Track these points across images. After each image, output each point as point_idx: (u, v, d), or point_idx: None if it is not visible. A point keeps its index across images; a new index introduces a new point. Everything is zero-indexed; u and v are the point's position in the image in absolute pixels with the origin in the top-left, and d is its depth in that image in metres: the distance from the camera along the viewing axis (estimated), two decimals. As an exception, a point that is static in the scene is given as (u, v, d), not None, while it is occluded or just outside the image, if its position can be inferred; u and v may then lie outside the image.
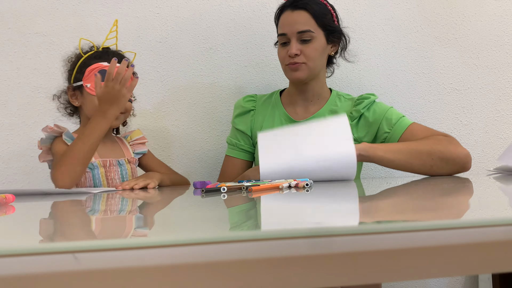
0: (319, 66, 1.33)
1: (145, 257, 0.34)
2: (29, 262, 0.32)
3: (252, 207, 0.67)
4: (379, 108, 1.32)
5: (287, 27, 1.30)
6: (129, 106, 1.25)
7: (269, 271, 0.35)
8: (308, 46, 1.29)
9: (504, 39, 1.73)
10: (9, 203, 0.78)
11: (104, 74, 1.17)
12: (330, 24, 1.32)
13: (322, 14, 1.30)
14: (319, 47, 1.30)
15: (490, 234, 0.38)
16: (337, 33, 1.34)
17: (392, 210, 0.59)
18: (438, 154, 1.16)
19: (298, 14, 1.29)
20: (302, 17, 1.29)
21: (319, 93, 1.37)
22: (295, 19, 1.29)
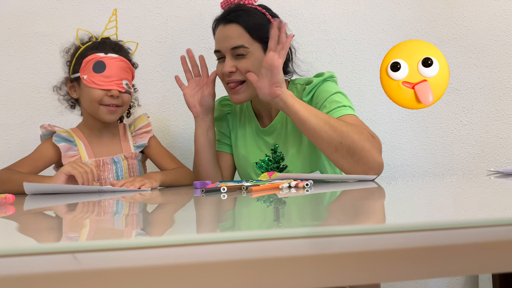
0: None
1: (145, 257, 0.34)
2: (29, 262, 0.32)
3: (252, 208, 0.67)
4: (322, 93, 1.21)
5: (221, 43, 1.23)
6: (126, 99, 1.21)
7: (269, 271, 0.35)
8: (242, 61, 1.20)
9: (504, 39, 1.73)
10: (9, 203, 0.78)
11: (99, 65, 1.16)
12: (267, 35, 1.16)
13: (257, 26, 1.21)
14: (255, 61, 1.20)
15: (490, 234, 0.38)
16: None
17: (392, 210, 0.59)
18: (349, 141, 1.06)
19: (230, 29, 1.21)
20: (234, 32, 1.20)
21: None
22: (227, 34, 1.22)
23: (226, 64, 1.22)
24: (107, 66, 1.17)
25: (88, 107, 1.22)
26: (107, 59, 1.17)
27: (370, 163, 1.07)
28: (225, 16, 1.24)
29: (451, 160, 1.72)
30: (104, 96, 1.17)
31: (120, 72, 1.19)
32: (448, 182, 1.07)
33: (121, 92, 1.19)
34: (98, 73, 1.16)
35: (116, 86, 1.18)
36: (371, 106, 1.67)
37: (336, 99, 1.19)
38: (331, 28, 1.67)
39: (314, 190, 0.86)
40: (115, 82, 1.18)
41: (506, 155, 1.73)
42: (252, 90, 1.22)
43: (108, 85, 1.17)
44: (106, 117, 1.20)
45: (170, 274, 0.33)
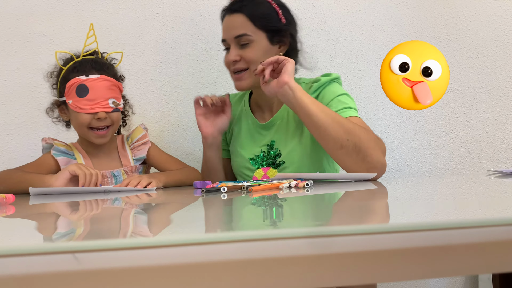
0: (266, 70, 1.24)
1: (144, 257, 0.34)
2: (29, 262, 0.32)
3: (252, 208, 0.67)
4: (328, 93, 1.22)
5: (226, 33, 1.26)
6: (115, 117, 1.19)
7: (269, 271, 0.35)
8: (247, 50, 1.23)
9: (504, 39, 1.73)
10: (9, 203, 0.78)
11: (82, 89, 1.14)
12: (273, 23, 1.23)
13: (261, 15, 1.23)
14: (259, 50, 1.22)
15: (490, 234, 0.38)
16: (283, 32, 1.25)
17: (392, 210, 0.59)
18: (356, 139, 1.06)
19: (234, 18, 1.24)
20: (238, 21, 1.23)
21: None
22: (231, 23, 1.24)
23: (230, 53, 1.24)
24: (90, 88, 1.14)
25: (78, 131, 1.22)
26: (89, 82, 1.15)
27: (374, 162, 1.07)
28: (230, 6, 1.26)
29: (451, 160, 1.72)
30: (92, 120, 1.16)
31: (105, 92, 1.16)
32: (448, 182, 1.07)
33: (108, 112, 1.16)
34: (82, 98, 1.14)
35: (102, 108, 1.15)
36: (371, 106, 1.67)
37: (342, 100, 1.20)
38: (331, 28, 1.67)
39: (314, 190, 0.86)
40: (101, 103, 1.15)
41: (506, 155, 1.73)
42: (253, 78, 1.23)
43: (94, 108, 1.15)
44: (96, 141, 1.20)
45: (170, 274, 0.33)
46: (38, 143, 1.54)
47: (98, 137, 1.18)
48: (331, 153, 1.11)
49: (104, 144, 1.24)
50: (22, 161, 1.52)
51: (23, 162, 1.53)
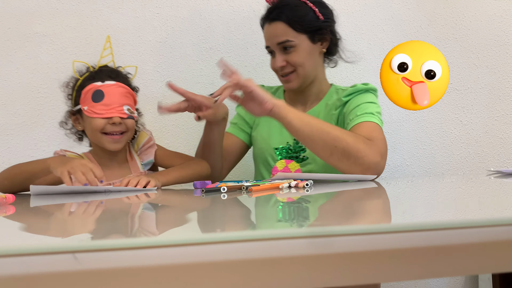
0: (312, 69, 1.31)
1: (145, 257, 0.34)
2: (29, 262, 0.32)
3: (252, 208, 0.67)
4: (357, 99, 1.26)
5: (268, 40, 1.30)
6: (130, 124, 1.19)
7: (269, 271, 0.35)
8: (291, 54, 1.27)
9: (504, 39, 1.73)
10: (9, 203, 0.78)
11: (98, 95, 1.15)
12: (312, 24, 1.27)
13: (299, 18, 1.26)
14: (303, 53, 1.27)
15: (490, 234, 0.38)
16: (323, 30, 1.29)
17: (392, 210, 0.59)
18: (344, 144, 1.08)
19: (274, 26, 1.27)
20: (278, 29, 1.26)
21: (317, 92, 1.36)
22: (272, 31, 1.28)
23: (276, 59, 1.29)
24: (106, 94, 1.15)
25: (92, 137, 1.21)
26: (105, 87, 1.16)
27: (367, 164, 1.08)
28: (268, 15, 1.30)
29: (451, 160, 1.72)
30: (106, 125, 1.16)
31: (120, 98, 1.17)
32: (448, 182, 1.07)
33: (123, 118, 1.17)
34: (97, 103, 1.15)
35: (117, 112, 1.16)
36: (371, 106, 1.67)
37: (366, 107, 1.23)
38: (331, 28, 1.67)
39: (314, 190, 0.86)
40: (116, 109, 1.16)
41: (506, 155, 1.73)
42: (303, 77, 1.30)
43: (109, 112, 1.15)
44: (111, 146, 1.19)
45: (170, 274, 0.33)
46: (38, 143, 1.54)
47: (113, 141, 1.18)
48: (325, 161, 1.14)
49: (116, 154, 1.24)
50: (22, 161, 1.52)
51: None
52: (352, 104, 1.25)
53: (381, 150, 1.13)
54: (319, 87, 1.36)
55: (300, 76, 1.29)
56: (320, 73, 1.35)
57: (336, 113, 1.29)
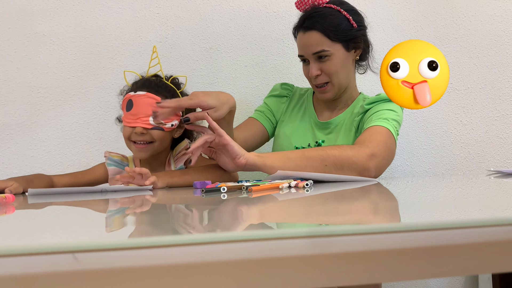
0: (345, 77, 1.31)
1: (144, 257, 0.34)
2: (29, 262, 0.32)
3: (252, 208, 0.67)
4: (376, 108, 1.27)
5: (303, 49, 1.29)
6: (156, 135, 1.20)
7: (269, 271, 0.35)
8: (326, 64, 1.27)
9: (504, 39, 1.73)
10: (9, 203, 0.78)
11: (129, 104, 1.18)
12: (347, 33, 1.27)
13: (335, 27, 1.26)
14: (338, 61, 1.27)
15: (490, 234, 0.38)
16: (357, 38, 1.30)
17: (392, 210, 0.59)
18: (332, 159, 1.11)
19: (309, 36, 1.27)
20: (314, 38, 1.26)
21: (347, 99, 1.37)
22: (307, 41, 1.27)
23: (311, 68, 1.28)
24: (134, 104, 1.18)
25: (125, 143, 1.25)
26: (135, 97, 1.18)
27: (360, 167, 1.10)
28: (302, 24, 1.29)
29: (451, 160, 1.72)
30: (131, 133, 1.20)
31: (147, 109, 1.18)
32: (448, 182, 1.07)
33: (147, 128, 1.18)
34: (128, 112, 1.19)
35: (142, 123, 1.18)
36: (371, 106, 1.67)
37: (382, 113, 1.24)
38: (331, 28, 1.67)
39: (314, 190, 0.86)
40: (141, 119, 1.18)
41: (506, 155, 1.73)
42: (337, 88, 1.30)
43: (134, 122, 1.19)
44: (136, 154, 1.23)
45: (170, 274, 0.33)
46: (38, 143, 1.55)
47: (137, 150, 1.22)
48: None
49: (156, 158, 1.27)
50: (22, 161, 1.52)
51: (23, 162, 1.53)
52: (371, 111, 1.26)
53: (372, 150, 1.12)
54: (350, 95, 1.37)
55: (335, 86, 1.29)
56: (352, 81, 1.36)
57: (357, 120, 1.30)
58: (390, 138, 1.19)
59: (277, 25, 1.66)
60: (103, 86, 1.57)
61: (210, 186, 0.91)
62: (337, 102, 1.38)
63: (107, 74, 1.57)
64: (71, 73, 1.57)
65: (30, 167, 1.52)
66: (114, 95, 1.56)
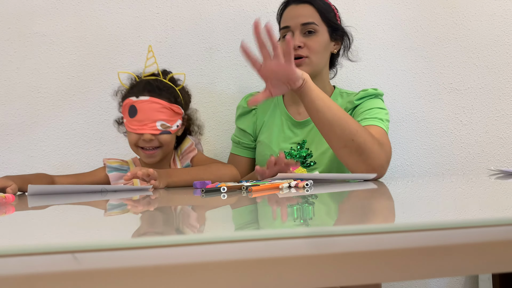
0: (322, 62, 1.31)
1: (145, 257, 0.34)
2: (29, 262, 0.32)
3: (252, 208, 0.67)
4: (369, 104, 1.26)
5: (291, 20, 1.29)
6: (164, 139, 1.21)
7: (269, 271, 0.35)
8: (312, 38, 1.27)
9: (504, 39, 1.73)
10: (9, 203, 0.78)
11: (132, 110, 1.18)
12: (334, 21, 1.32)
13: (326, 10, 1.30)
14: (322, 42, 1.29)
15: (490, 234, 0.38)
16: (340, 31, 1.34)
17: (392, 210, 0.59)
18: (361, 140, 1.06)
19: (303, 8, 1.29)
20: (307, 10, 1.28)
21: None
22: (299, 12, 1.29)
23: (296, 38, 1.27)
24: (139, 110, 1.18)
25: (131, 148, 1.26)
26: (138, 103, 1.18)
27: (374, 165, 1.09)
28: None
29: (451, 160, 1.72)
30: (139, 140, 1.20)
31: (152, 114, 1.18)
32: (448, 182, 1.07)
33: (155, 134, 1.19)
34: (132, 118, 1.19)
35: (149, 129, 1.18)
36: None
37: (375, 112, 1.24)
38: (331, 28, 1.67)
39: (314, 190, 0.86)
40: (148, 125, 1.18)
41: (506, 155, 1.73)
42: (313, 66, 1.28)
43: (141, 129, 1.18)
44: (145, 160, 1.24)
45: (170, 274, 0.33)
46: (38, 143, 1.54)
47: (147, 156, 1.23)
48: (335, 151, 1.12)
49: (160, 160, 1.27)
50: (22, 161, 1.52)
51: (23, 162, 1.53)
52: (362, 107, 1.26)
53: (388, 155, 1.14)
54: (323, 87, 1.35)
55: (312, 64, 1.27)
56: (324, 73, 1.36)
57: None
58: (389, 141, 1.21)
59: (277, 25, 1.66)
60: (103, 86, 1.57)
61: (210, 186, 0.91)
62: None
63: (107, 74, 1.57)
64: (71, 73, 1.57)
65: (30, 167, 1.52)
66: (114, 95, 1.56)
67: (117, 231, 0.48)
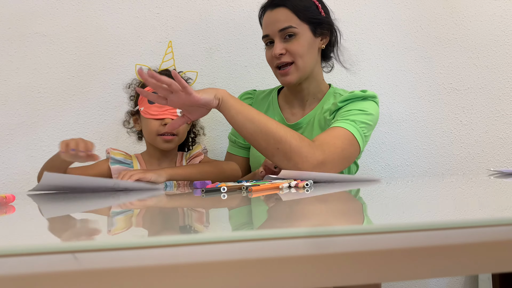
0: (310, 63, 1.26)
1: (145, 257, 0.34)
2: (29, 262, 0.32)
3: (252, 208, 0.67)
4: (348, 107, 1.22)
5: (269, 27, 1.25)
6: (180, 128, 1.23)
7: (269, 271, 0.35)
8: (292, 43, 1.23)
9: (504, 39, 1.73)
10: (9, 203, 0.78)
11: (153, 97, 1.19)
12: (315, 16, 1.25)
13: (303, 8, 1.23)
14: (304, 42, 1.23)
15: (490, 234, 0.38)
16: (325, 25, 1.27)
17: (392, 210, 0.59)
18: (286, 147, 1.04)
19: (277, 12, 1.24)
20: (282, 14, 1.23)
21: (315, 92, 1.33)
22: (275, 17, 1.24)
23: (276, 46, 1.24)
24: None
25: (147, 137, 1.27)
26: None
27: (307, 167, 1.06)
28: (271, 1, 1.27)
29: (451, 160, 1.72)
30: (159, 126, 1.21)
31: None
32: (448, 182, 1.07)
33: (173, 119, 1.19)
34: (152, 104, 1.20)
35: (170, 115, 1.21)
36: (371, 106, 1.67)
37: (352, 113, 1.18)
38: (331, 28, 1.67)
39: (314, 190, 0.86)
40: (169, 111, 1.21)
41: (506, 155, 1.73)
42: (301, 71, 1.25)
43: (162, 114, 1.20)
44: (162, 145, 1.24)
45: (170, 274, 0.33)
46: (38, 143, 1.54)
47: (165, 141, 1.23)
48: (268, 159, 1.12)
49: (167, 157, 1.29)
50: (22, 161, 1.52)
51: (23, 162, 1.53)
52: (343, 109, 1.22)
53: (325, 159, 1.07)
54: (317, 86, 1.33)
55: (299, 69, 1.24)
56: (317, 71, 1.32)
57: (330, 119, 1.25)
58: (350, 145, 1.14)
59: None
60: (103, 86, 1.57)
61: (210, 186, 0.91)
62: (305, 95, 1.33)
63: (107, 74, 1.57)
64: (71, 73, 1.57)
65: (30, 167, 1.52)
66: (114, 95, 1.56)
67: (117, 231, 0.48)
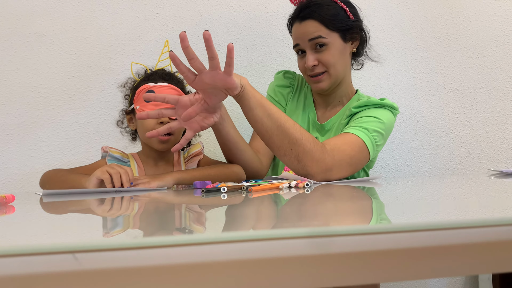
0: (342, 69, 1.29)
1: (144, 257, 0.34)
2: (29, 262, 0.32)
3: (252, 208, 0.67)
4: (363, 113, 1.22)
5: (299, 38, 1.27)
6: (177, 130, 1.20)
7: (269, 271, 0.35)
8: (323, 53, 1.25)
9: (504, 39, 1.73)
10: (9, 203, 0.78)
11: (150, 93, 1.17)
12: (343, 23, 1.25)
13: (332, 16, 1.24)
14: (335, 52, 1.25)
15: (490, 234, 0.38)
16: (354, 29, 1.28)
17: (392, 210, 0.59)
18: (300, 150, 1.03)
19: (306, 25, 1.25)
20: (310, 27, 1.24)
21: (342, 95, 1.35)
22: (304, 30, 1.25)
23: (308, 58, 1.26)
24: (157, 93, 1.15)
25: (142, 136, 1.24)
26: (157, 88, 1.18)
27: (312, 174, 1.05)
28: (298, 14, 1.27)
29: (451, 160, 1.72)
30: (155, 125, 1.18)
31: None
32: (448, 182, 1.07)
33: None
34: (148, 102, 1.17)
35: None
36: (371, 106, 1.67)
37: (365, 120, 1.18)
38: (331, 28, 1.67)
39: (314, 190, 0.86)
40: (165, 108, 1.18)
41: (506, 155, 1.73)
42: (333, 78, 1.27)
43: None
44: (158, 146, 1.22)
45: (170, 274, 0.33)
46: (38, 143, 1.54)
47: (161, 142, 1.20)
48: (277, 156, 1.11)
49: (164, 156, 1.27)
50: (22, 161, 1.52)
51: (23, 162, 1.53)
52: (357, 115, 1.22)
53: (333, 165, 1.07)
54: (345, 90, 1.35)
55: (332, 77, 1.27)
56: (347, 75, 1.34)
57: (344, 123, 1.26)
58: (359, 152, 1.13)
59: (277, 25, 1.66)
60: (103, 86, 1.57)
61: (210, 186, 0.91)
62: (331, 97, 1.35)
63: (107, 74, 1.57)
64: (71, 73, 1.57)
65: (30, 167, 1.52)
66: (114, 95, 1.56)
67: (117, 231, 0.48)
